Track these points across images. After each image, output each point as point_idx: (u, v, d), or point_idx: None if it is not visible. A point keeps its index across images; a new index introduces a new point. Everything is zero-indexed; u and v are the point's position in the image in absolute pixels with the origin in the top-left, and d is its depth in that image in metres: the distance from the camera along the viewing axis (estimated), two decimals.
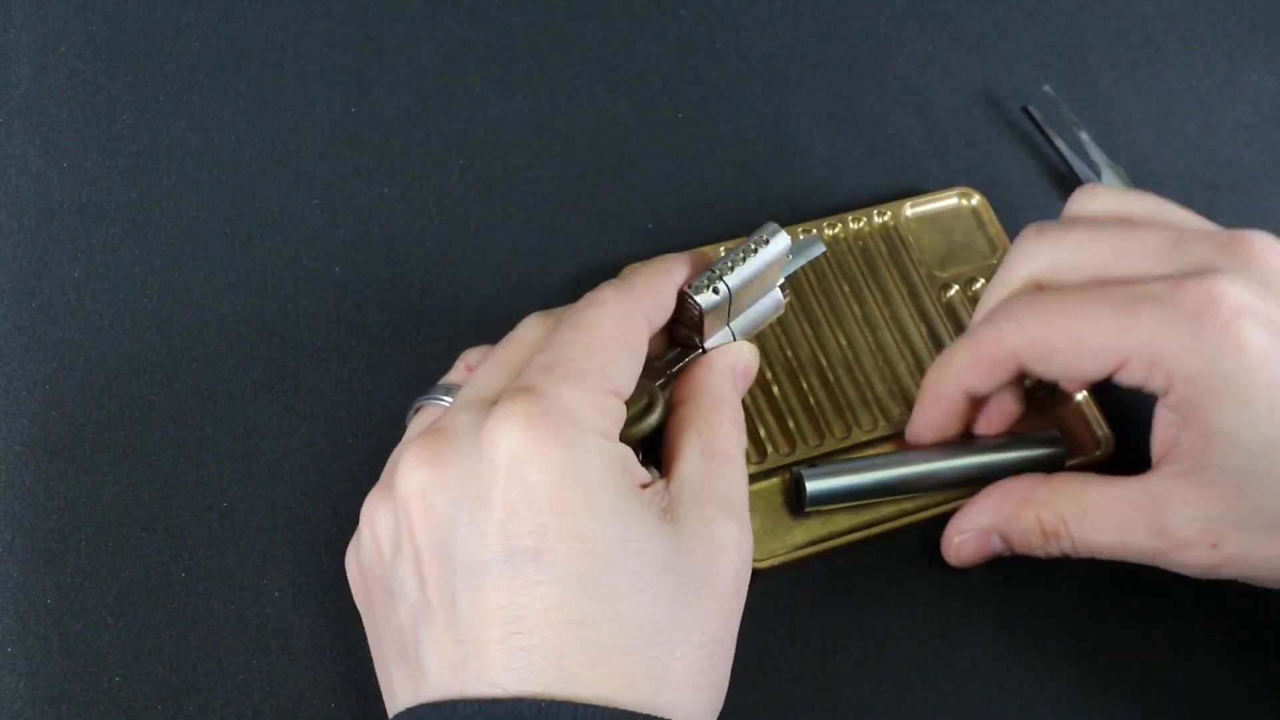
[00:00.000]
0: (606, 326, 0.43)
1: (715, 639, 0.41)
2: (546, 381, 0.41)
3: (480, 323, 0.55)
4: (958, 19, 0.65)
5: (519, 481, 0.39)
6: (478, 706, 0.38)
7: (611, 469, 0.40)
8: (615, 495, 0.40)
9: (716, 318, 0.47)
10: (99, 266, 0.54)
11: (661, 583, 0.40)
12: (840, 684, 0.50)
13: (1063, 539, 0.48)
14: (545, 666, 0.38)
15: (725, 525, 0.42)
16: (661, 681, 0.39)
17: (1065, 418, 0.55)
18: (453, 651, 0.39)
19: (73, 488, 0.50)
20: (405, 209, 0.57)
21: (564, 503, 0.39)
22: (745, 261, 0.47)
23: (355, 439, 0.52)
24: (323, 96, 0.59)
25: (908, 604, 0.51)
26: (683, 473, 0.43)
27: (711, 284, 0.46)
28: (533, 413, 0.40)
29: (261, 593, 0.49)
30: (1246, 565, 0.46)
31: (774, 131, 0.61)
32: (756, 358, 0.49)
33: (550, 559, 0.39)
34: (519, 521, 0.39)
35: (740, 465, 0.44)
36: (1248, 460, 0.44)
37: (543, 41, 0.62)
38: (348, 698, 0.48)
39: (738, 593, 0.42)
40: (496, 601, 0.39)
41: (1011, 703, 0.50)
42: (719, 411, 0.45)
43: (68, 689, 0.47)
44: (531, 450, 0.39)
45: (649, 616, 0.39)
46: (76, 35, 0.59)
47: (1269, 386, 0.44)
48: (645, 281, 0.46)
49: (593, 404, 0.41)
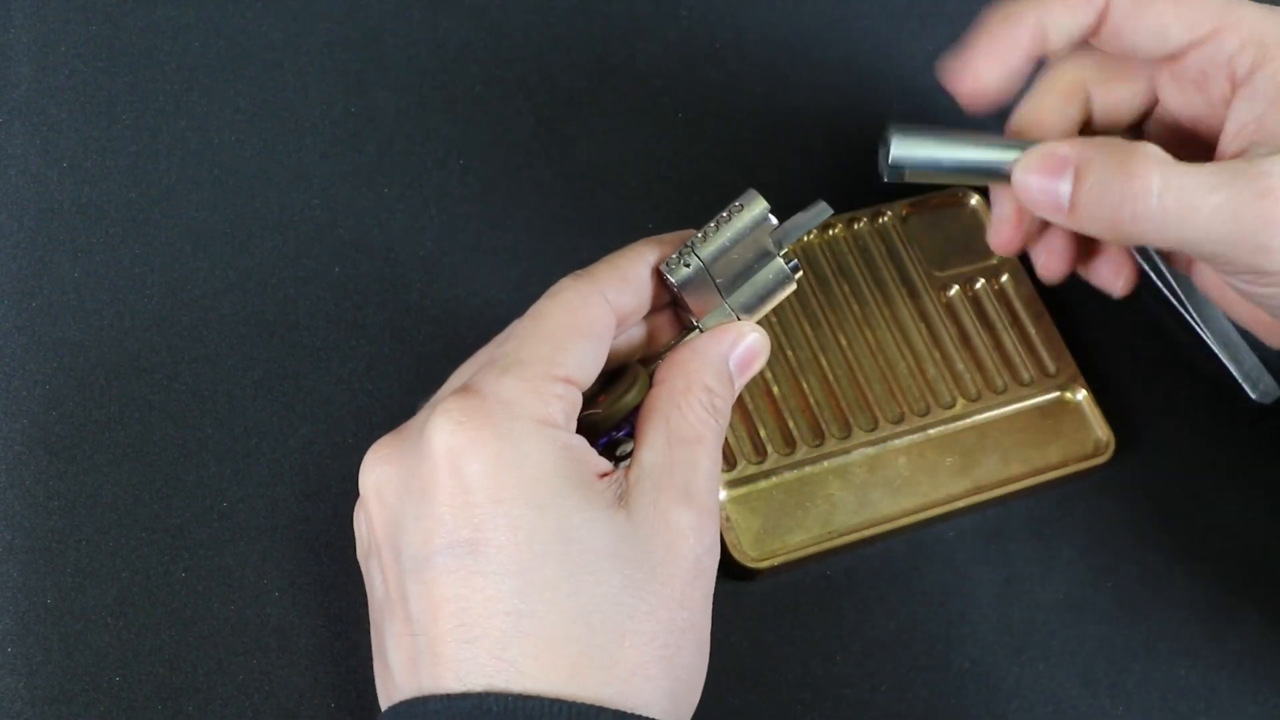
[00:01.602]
0: (556, 315, 0.43)
1: (672, 628, 0.40)
2: (486, 376, 0.41)
3: (480, 323, 0.55)
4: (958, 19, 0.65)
5: (457, 475, 0.39)
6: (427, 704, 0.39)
7: (552, 458, 0.40)
8: (556, 484, 0.40)
9: (704, 295, 0.45)
10: (99, 266, 0.54)
11: (605, 571, 0.39)
12: (840, 684, 0.50)
13: (1146, 182, 0.43)
14: (489, 659, 0.38)
15: (681, 513, 0.41)
16: (609, 672, 0.39)
17: (1065, 419, 0.55)
18: (410, 646, 0.40)
19: (73, 488, 0.50)
20: (405, 209, 0.57)
21: (499, 493, 0.39)
22: (717, 230, 0.44)
23: (355, 439, 0.52)
24: (323, 96, 0.59)
25: (908, 604, 0.51)
26: (643, 459, 0.42)
27: (682, 259, 0.44)
28: (468, 406, 0.40)
29: (261, 593, 0.49)
30: None
31: (774, 131, 0.61)
32: (763, 340, 0.45)
33: (488, 550, 0.39)
34: (457, 514, 0.39)
35: (709, 449, 0.43)
36: None
37: (543, 41, 0.62)
38: (348, 698, 0.48)
39: (697, 580, 0.41)
40: (442, 594, 0.39)
41: (1011, 703, 0.50)
42: (689, 395, 0.43)
43: (68, 689, 0.47)
44: (466, 443, 0.39)
45: (592, 606, 0.39)
46: (76, 35, 0.59)
47: None
48: (607, 266, 0.44)
49: (533, 392, 0.41)
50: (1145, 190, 0.43)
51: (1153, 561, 0.53)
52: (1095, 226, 0.45)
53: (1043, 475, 0.53)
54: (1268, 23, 0.46)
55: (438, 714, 0.38)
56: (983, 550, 0.53)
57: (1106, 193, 0.44)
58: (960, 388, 0.55)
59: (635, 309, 0.45)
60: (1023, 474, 0.53)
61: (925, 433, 0.54)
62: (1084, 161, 0.44)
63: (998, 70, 0.47)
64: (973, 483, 0.53)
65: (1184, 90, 0.48)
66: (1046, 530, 0.53)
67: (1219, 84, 0.46)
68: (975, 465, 0.54)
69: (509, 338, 0.43)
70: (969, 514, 0.53)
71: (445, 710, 0.38)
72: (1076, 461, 0.54)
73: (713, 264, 0.45)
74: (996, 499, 0.53)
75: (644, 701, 0.39)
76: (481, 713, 0.38)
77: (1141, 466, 0.55)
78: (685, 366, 0.44)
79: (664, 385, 0.44)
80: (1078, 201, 0.45)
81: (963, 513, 0.53)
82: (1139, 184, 0.44)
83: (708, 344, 0.45)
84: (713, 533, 0.42)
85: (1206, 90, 0.47)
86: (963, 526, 0.53)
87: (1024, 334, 0.56)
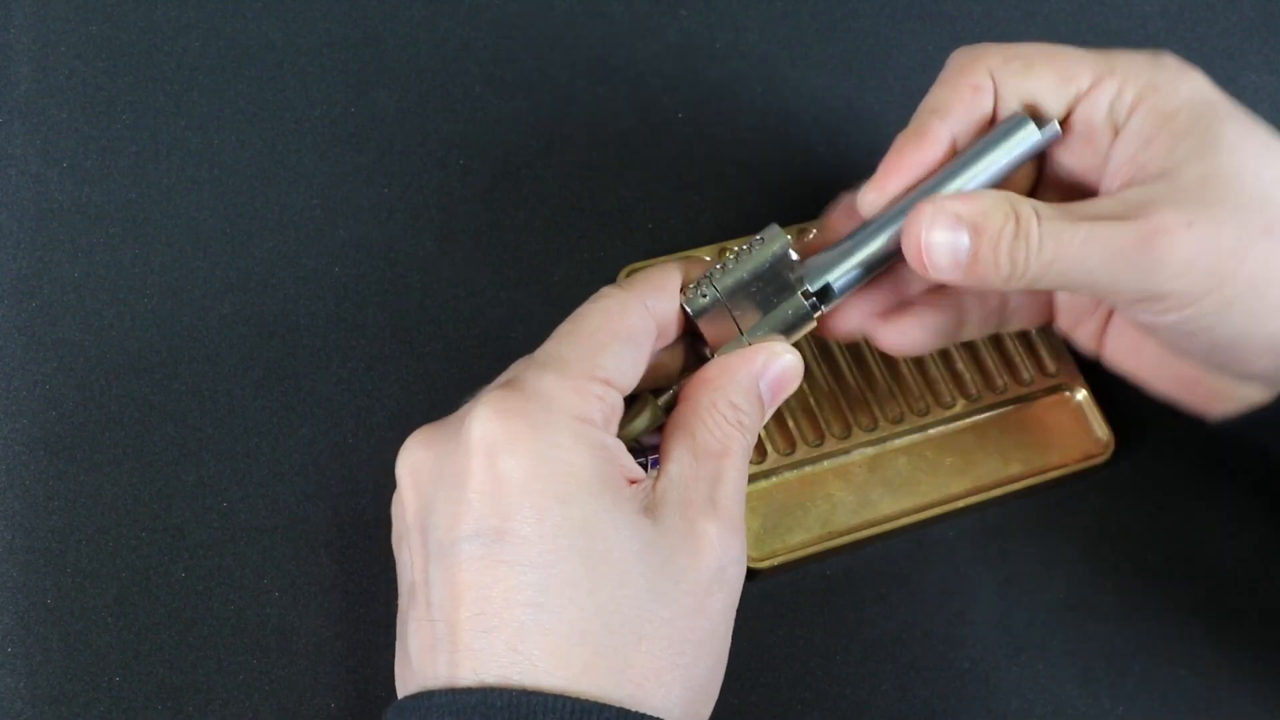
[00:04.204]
0: (596, 318, 0.43)
1: (689, 637, 0.40)
2: (527, 371, 0.42)
3: (480, 323, 0.55)
4: (958, 19, 0.65)
5: (491, 465, 0.40)
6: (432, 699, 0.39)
7: (585, 456, 0.40)
8: (586, 481, 0.40)
9: (721, 326, 0.46)
10: (99, 266, 0.54)
11: (628, 573, 0.40)
12: (840, 684, 0.50)
13: (1031, 234, 0.44)
14: (504, 650, 0.39)
15: (707, 524, 0.41)
16: (623, 674, 0.39)
17: (1065, 419, 0.55)
18: (429, 632, 0.40)
19: (73, 488, 0.50)
20: (405, 209, 0.57)
21: (530, 485, 0.40)
22: (737, 262, 0.45)
23: (355, 439, 0.52)
24: (323, 96, 0.59)
25: (908, 604, 0.51)
26: (670, 472, 0.42)
27: (700, 288, 0.45)
28: (508, 399, 0.41)
29: (261, 593, 0.49)
30: (1219, 255, 0.44)
31: (774, 131, 0.61)
32: (797, 363, 0.46)
33: (513, 540, 0.39)
34: (487, 502, 0.40)
35: (736, 463, 0.43)
36: (1220, 147, 0.45)
37: (543, 41, 0.62)
38: (348, 698, 0.48)
39: (719, 592, 0.41)
40: (465, 581, 0.39)
41: (1011, 702, 0.50)
42: (713, 410, 0.44)
43: (68, 689, 0.47)
44: (504, 435, 0.40)
45: (612, 606, 0.39)
46: (76, 35, 0.59)
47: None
48: (643, 277, 0.46)
49: (572, 390, 0.41)
50: (1029, 235, 0.45)
51: (1153, 561, 0.53)
52: (991, 277, 0.46)
53: (1043, 475, 0.54)
54: (1144, 66, 0.46)
55: (442, 709, 0.39)
56: (983, 550, 0.53)
57: (1001, 243, 0.45)
58: (960, 388, 0.55)
59: (672, 320, 0.45)
60: (1023, 474, 0.54)
61: (925, 433, 0.54)
62: (979, 215, 0.45)
63: (909, 183, 0.48)
64: (973, 483, 0.53)
65: (1072, 147, 0.48)
66: (1046, 530, 0.53)
67: (1104, 135, 0.47)
68: (975, 465, 0.54)
69: (551, 338, 0.44)
70: (969, 514, 0.53)
71: (451, 704, 0.38)
72: (1076, 461, 0.54)
73: (730, 296, 0.45)
74: (996, 499, 0.53)
75: (655, 706, 0.39)
76: (487, 707, 0.38)
77: (1141, 466, 0.55)
78: (713, 383, 0.45)
79: (689, 400, 0.44)
80: (978, 254, 0.45)
81: (963, 513, 0.53)
82: (1025, 232, 0.45)
83: (738, 362, 0.45)
84: (738, 546, 0.42)
85: (1094, 142, 0.47)
86: (963, 526, 0.53)
87: (1024, 334, 0.56)
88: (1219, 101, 0.46)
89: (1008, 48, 0.48)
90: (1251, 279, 0.44)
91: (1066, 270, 0.45)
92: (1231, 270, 0.44)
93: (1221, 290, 0.44)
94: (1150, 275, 0.44)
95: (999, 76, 0.47)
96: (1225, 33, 0.66)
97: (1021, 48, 0.48)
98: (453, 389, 0.52)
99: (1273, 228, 0.44)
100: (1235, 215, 0.44)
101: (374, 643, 0.49)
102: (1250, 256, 0.44)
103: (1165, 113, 0.46)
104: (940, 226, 0.45)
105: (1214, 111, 0.46)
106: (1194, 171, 0.44)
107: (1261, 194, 0.44)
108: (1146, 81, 0.46)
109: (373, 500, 0.51)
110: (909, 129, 0.48)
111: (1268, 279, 0.44)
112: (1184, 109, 0.45)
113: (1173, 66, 0.47)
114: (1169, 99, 0.46)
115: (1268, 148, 0.46)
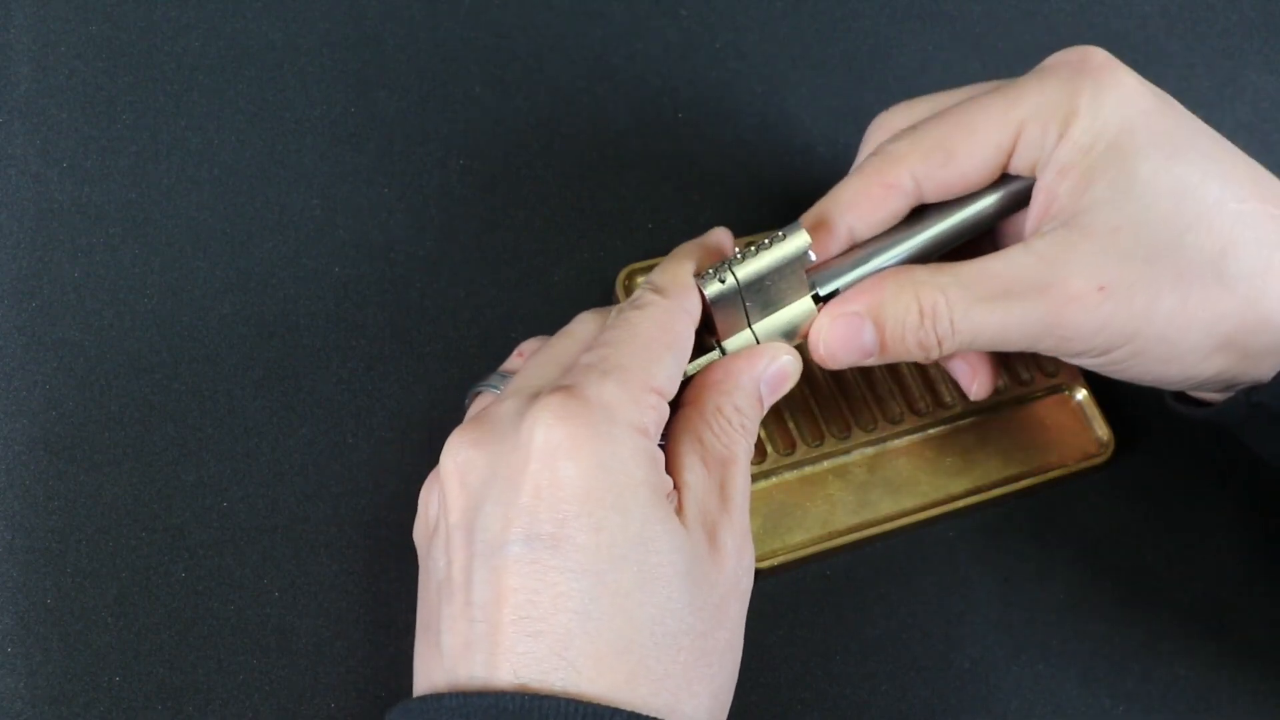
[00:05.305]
0: (648, 326, 0.43)
1: (719, 648, 0.41)
2: (587, 377, 0.41)
3: (480, 322, 0.55)
4: (958, 19, 0.65)
5: (550, 470, 0.40)
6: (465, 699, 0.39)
7: (643, 467, 0.41)
8: (642, 493, 0.40)
9: (731, 315, 0.46)
10: (99, 266, 0.54)
11: (677, 586, 0.40)
12: (840, 684, 0.50)
13: (940, 319, 0.46)
14: (548, 654, 0.39)
15: (725, 533, 0.42)
16: (660, 684, 0.39)
17: (1065, 419, 0.55)
18: (466, 631, 0.40)
19: (73, 488, 0.50)
20: (405, 209, 0.57)
21: (589, 493, 0.40)
22: (758, 255, 0.45)
23: (355, 439, 0.52)
24: (323, 96, 0.59)
25: (908, 604, 0.51)
26: (689, 480, 0.43)
27: (718, 274, 0.45)
28: (571, 405, 0.40)
29: (261, 593, 0.49)
30: (1131, 317, 0.45)
31: (774, 131, 0.61)
32: (796, 364, 0.46)
33: (567, 548, 0.39)
34: (543, 507, 0.40)
35: (740, 468, 0.44)
36: (1133, 189, 0.45)
37: (543, 41, 0.62)
38: (348, 698, 0.48)
39: (737, 600, 0.42)
40: (511, 584, 0.39)
41: (1011, 703, 0.50)
42: (720, 416, 0.44)
43: (68, 689, 0.47)
44: (566, 441, 0.40)
45: (657, 617, 0.39)
46: (76, 35, 0.59)
47: (1149, 114, 0.46)
48: (671, 278, 0.45)
49: (632, 400, 0.41)
50: (938, 322, 0.46)
51: (1153, 561, 0.53)
52: (911, 357, 0.47)
53: (1043, 475, 0.53)
54: (1061, 93, 0.46)
55: (486, 710, 0.38)
56: (983, 550, 0.53)
57: (908, 331, 0.46)
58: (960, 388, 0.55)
59: (698, 319, 0.46)
60: (1023, 474, 0.53)
61: (925, 433, 0.54)
62: (878, 308, 0.46)
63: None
64: (973, 483, 0.53)
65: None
66: (1046, 530, 0.53)
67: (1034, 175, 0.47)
68: (975, 465, 0.54)
69: (605, 343, 0.43)
70: (969, 514, 0.53)
71: (495, 706, 0.38)
72: (1076, 461, 0.54)
73: (746, 287, 0.45)
74: (996, 499, 0.53)
75: (687, 715, 0.40)
76: (540, 714, 0.38)
77: (1141, 466, 0.55)
78: (718, 386, 0.45)
79: (694, 405, 0.45)
80: (886, 344, 0.46)
81: (963, 513, 0.53)
82: (933, 319, 0.46)
83: (741, 366, 0.45)
84: (750, 555, 0.43)
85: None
86: (963, 526, 0.53)
87: None
88: (1141, 123, 0.46)
89: (923, 135, 0.47)
90: (1161, 332, 0.45)
91: (988, 342, 0.46)
92: (1141, 329, 0.45)
93: (1132, 344, 0.45)
94: (1065, 341, 0.46)
95: (920, 176, 0.47)
96: (1225, 33, 0.66)
97: (934, 128, 0.47)
98: (453, 389, 0.52)
99: (1183, 275, 0.45)
100: (1147, 270, 0.44)
101: (374, 643, 0.49)
102: (1159, 311, 0.45)
103: (1082, 146, 0.45)
104: (840, 328, 0.47)
105: (1134, 140, 0.45)
106: (1106, 220, 0.45)
107: (1173, 240, 0.45)
108: (1066, 112, 0.46)
109: (372, 500, 0.51)
110: (810, 214, 0.48)
111: (1179, 327, 0.45)
112: (1102, 138, 0.45)
113: (1091, 83, 0.46)
114: (1088, 128, 0.45)
115: (1185, 181, 0.45)
